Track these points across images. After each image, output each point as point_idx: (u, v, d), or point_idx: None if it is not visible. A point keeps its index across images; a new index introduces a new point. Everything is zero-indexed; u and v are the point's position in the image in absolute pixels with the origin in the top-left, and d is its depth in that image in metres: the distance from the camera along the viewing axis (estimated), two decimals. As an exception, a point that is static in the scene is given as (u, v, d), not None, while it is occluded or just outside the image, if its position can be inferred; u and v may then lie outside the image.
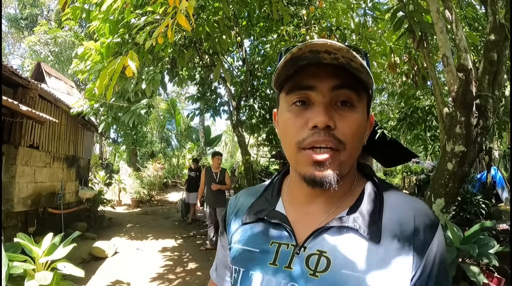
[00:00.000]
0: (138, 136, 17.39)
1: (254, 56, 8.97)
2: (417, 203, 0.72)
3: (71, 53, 14.67)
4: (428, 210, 0.71)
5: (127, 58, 3.18)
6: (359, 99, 0.68)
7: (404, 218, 0.68)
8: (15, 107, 4.25)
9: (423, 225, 0.68)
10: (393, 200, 0.72)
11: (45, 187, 6.51)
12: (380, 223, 0.68)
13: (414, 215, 0.68)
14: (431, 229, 0.68)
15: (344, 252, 0.66)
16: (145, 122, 6.77)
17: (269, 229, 0.76)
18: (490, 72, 3.26)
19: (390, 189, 0.75)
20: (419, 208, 0.71)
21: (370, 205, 0.70)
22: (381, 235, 0.66)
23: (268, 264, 0.71)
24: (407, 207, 0.70)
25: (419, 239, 0.66)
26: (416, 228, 0.67)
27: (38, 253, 2.88)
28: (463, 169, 3.39)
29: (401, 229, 0.67)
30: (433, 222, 0.69)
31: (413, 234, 0.66)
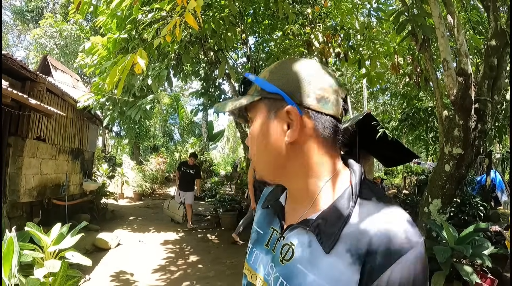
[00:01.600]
0: (141, 130, 17.46)
1: (258, 53, 9.02)
2: (385, 222, 0.64)
3: (77, 47, 14.73)
4: (396, 233, 0.62)
5: (136, 55, 3.26)
6: (254, 114, 0.78)
7: (361, 235, 0.64)
8: (24, 100, 4.34)
9: (379, 249, 0.62)
10: (362, 212, 0.68)
11: (51, 178, 6.62)
12: (338, 234, 0.66)
13: (373, 235, 0.63)
14: (389, 256, 0.61)
15: (303, 250, 0.71)
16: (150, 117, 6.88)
17: (271, 216, 0.87)
18: (490, 77, 3.33)
19: (370, 197, 0.70)
20: (384, 228, 0.63)
21: (337, 213, 0.69)
22: (335, 245, 0.66)
23: (264, 245, 0.83)
24: (369, 224, 0.65)
25: (372, 261, 0.62)
26: (370, 248, 0.62)
27: (47, 242, 2.98)
28: (460, 171, 3.47)
29: (356, 244, 0.64)
30: (395, 249, 0.61)
31: (365, 254, 0.63)
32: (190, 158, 8.50)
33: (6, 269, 2.43)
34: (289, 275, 0.71)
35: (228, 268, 5.27)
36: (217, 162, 22.38)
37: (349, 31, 6.49)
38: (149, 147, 20.34)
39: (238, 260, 5.63)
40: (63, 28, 15.47)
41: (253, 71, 8.39)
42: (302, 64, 0.75)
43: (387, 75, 8.55)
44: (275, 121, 0.73)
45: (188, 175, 8.26)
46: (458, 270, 3.26)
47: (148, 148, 20.39)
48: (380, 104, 19.26)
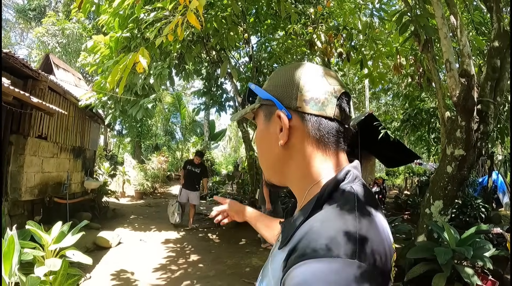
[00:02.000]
0: (143, 128, 17.48)
1: (260, 53, 9.02)
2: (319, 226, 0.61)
3: (79, 45, 14.76)
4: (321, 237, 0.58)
5: (138, 54, 3.26)
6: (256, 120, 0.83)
7: (299, 234, 0.63)
8: (26, 98, 4.35)
9: (299, 247, 0.60)
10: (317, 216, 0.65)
11: (52, 177, 6.63)
12: (292, 235, 0.66)
13: (303, 235, 0.61)
14: (302, 255, 0.57)
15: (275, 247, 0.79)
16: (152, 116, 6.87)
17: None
18: (493, 78, 3.31)
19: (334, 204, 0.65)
20: (313, 231, 0.60)
21: (300, 217, 0.68)
22: (286, 245, 0.66)
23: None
24: (310, 226, 0.62)
25: (290, 259, 0.60)
26: (294, 247, 0.61)
27: (47, 240, 2.99)
28: (462, 173, 3.46)
29: (291, 243, 0.64)
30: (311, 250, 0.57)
31: (291, 251, 0.61)
32: (196, 157, 8.12)
33: (7, 268, 2.43)
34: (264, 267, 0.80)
35: (228, 268, 5.27)
36: (218, 161, 22.42)
37: (351, 31, 6.49)
38: (150, 146, 20.36)
39: (238, 259, 5.63)
40: (66, 27, 15.50)
41: (255, 70, 8.41)
42: (294, 68, 0.76)
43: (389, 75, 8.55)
44: (270, 125, 0.76)
45: (193, 174, 7.96)
46: (459, 271, 3.26)
47: (149, 146, 20.42)
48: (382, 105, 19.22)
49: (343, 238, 0.56)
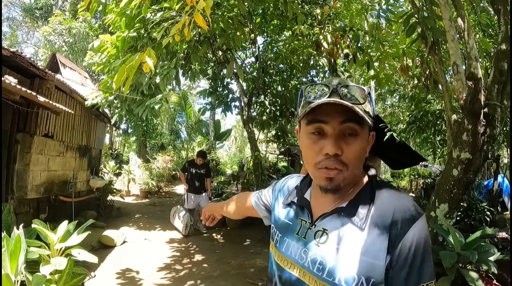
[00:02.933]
0: (148, 128, 17.55)
1: (267, 53, 9.01)
2: (400, 200, 0.91)
3: (85, 44, 14.84)
4: (409, 206, 0.89)
5: (144, 54, 3.28)
6: (361, 129, 0.91)
7: (385, 212, 0.89)
8: (33, 97, 4.38)
9: (400, 218, 0.86)
10: (382, 196, 0.93)
11: (58, 175, 6.67)
12: (368, 215, 0.90)
13: (394, 209, 0.88)
14: (408, 222, 0.86)
15: (338, 232, 0.92)
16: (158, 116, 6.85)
17: (298, 210, 1.07)
18: (500, 81, 3.29)
19: (384, 187, 0.96)
20: (400, 204, 0.89)
21: (364, 200, 0.93)
22: (367, 224, 0.89)
23: (295, 234, 1.03)
24: (390, 203, 0.90)
25: (395, 230, 0.86)
26: (393, 220, 0.86)
27: (53, 239, 3.01)
28: (468, 176, 3.44)
29: (382, 220, 0.88)
30: (411, 216, 0.87)
31: (390, 225, 0.86)
32: (199, 158, 7.54)
33: (13, 266, 2.45)
34: (327, 254, 0.92)
35: (233, 268, 5.28)
36: (223, 161, 22.43)
37: (358, 32, 6.46)
38: (156, 145, 20.41)
39: (243, 260, 5.64)
40: (72, 26, 15.59)
41: (261, 71, 8.40)
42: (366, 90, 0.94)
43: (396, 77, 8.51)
44: (367, 139, 0.95)
45: (199, 175, 7.46)
46: (463, 275, 3.23)
47: (155, 146, 20.47)
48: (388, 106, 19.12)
49: (414, 203, 0.91)
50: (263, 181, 8.39)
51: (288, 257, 1.03)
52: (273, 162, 17.95)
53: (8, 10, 23.01)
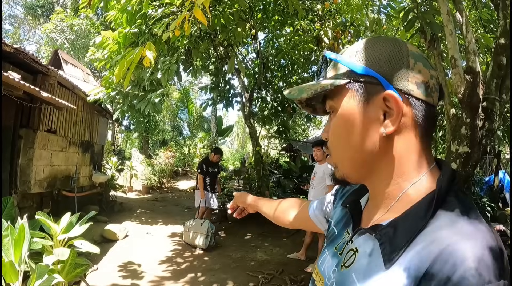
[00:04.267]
0: (150, 124, 17.61)
1: (268, 49, 9.03)
2: (457, 244, 0.50)
3: (87, 41, 14.87)
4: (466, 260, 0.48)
5: (145, 49, 3.31)
6: (337, 101, 0.67)
7: (427, 254, 0.52)
8: (36, 93, 4.43)
9: (439, 274, 0.49)
10: (437, 226, 0.55)
11: (61, 170, 6.74)
12: (404, 248, 0.56)
13: (438, 255, 0.51)
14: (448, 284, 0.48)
15: (363, 259, 0.63)
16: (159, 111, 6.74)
17: (348, 217, 0.78)
18: (499, 75, 3.31)
19: (453, 209, 0.57)
20: (453, 252, 0.50)
21: (410, 223, 0.58)
22: (395, 261, 0.56)
23: (334, 247, 0.76)
24: (440, 242, 0.52)
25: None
26: (428, 273, 0.51)
27: (56, 230, 3.06)
28: (467, 170, 3.46)
29: (418, 265, 0.53)
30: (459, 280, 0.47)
31: (421, 277, 0.52)
32: (216, 155, 6.93)
33: (17, 255, 2.51)
34: (342, 282, 0.66)
35: (233, 261, 5.33)
36: (225, 157, 22.48)
37: (359, 28, 6.48)
38: (158, 141, 20.50)
39: (243, 253, 5.69)
40: (74, 23, 15.61)
41: (262, 66, 8.43)
42: (396, 43, 0.65)
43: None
44: (368, 108, 0.63)
45: (214, 174, 6.98)
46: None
47: (157, 142, 20.56)
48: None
49: (487, 256, 0.49)
50: (264, 176, 8.43)
51: (321, 273, 0.77)
52: (275, 157, 18.01)
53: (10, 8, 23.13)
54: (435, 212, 0.57)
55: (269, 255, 5.60)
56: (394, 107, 0.60)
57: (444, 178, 0.60)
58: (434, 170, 0.64)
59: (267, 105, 9.90)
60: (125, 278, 4.54)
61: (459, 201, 0.58)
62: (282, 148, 18.14)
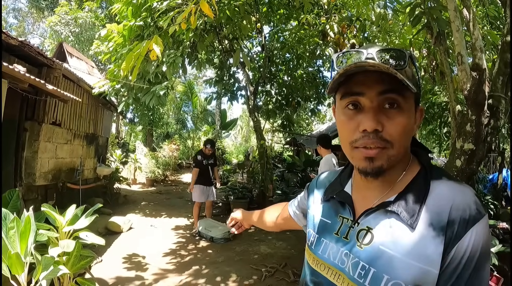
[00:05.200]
0: (154, 117, 17.66)
1: (273, 42, 9.01)
2: (460, 195, 0.74)
3: (92, 34, 14.87)
4: (470, 203, 0.72)
5: (152, 42, 3.31)
6: (405, 101, 0.76)
7: (441, 209, 0.72)
8: (42, 85, 4.44)
9: (458, 218, 0.70)
10: (438, 190, 0.76)
11: (65, 163, 6.78)
12: (419, 211, 0.74)
13: (451, 207, 0.72)
14: (466, 223, 0.70)
15: (385, 231, 0.77)
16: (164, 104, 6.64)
17: (338, 206, 0.92)
18: (505, 73, 3.28)
19: (441, 176, 0.79)
20: (460, 199, 0.73)
21: (416, 193, 0.77)
22: (418, 222, 0.73)
23: (334, 233, 0.88)
24: (448, 197, 0.74)
25: (451, 231, 0.70)
26: (450, 220, 0.71)
27: (61, 222, 3.09)
28: (471, 167, 3.45)
29: (437, 219, 0.72)
30: (471, 217, 0.71)
31: (446, 226, 0.70)
32: (207, 148, 6.77)
33: (23, 246, 2.54)
34: (371, 258, 0.76)
35: (237, 254, 5.36)
36: (229, 150, 22.53)
37: (364, 22, 6.44)
38: (162, 134, 20.58)
39: (247, 246, 5.72)
40: (78, 16, 15.59)
41: (267, 60, 8.41)
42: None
43: (402, 67, 8.46)
44: (411, 114, 0.79)
45: (212, 166, 6.92)
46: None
47: (161, 135, 20.63)
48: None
49: (477, 200, 0.74)
50: (268, 170, 8.45)
51: (325, 260, 0.87)
52: (279, 151, 18.01)
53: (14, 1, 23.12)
54: (430, 181, 0.78)
55: (273, 249, 5.63)
56: (420, 117, 0.85)
57: (426, 159, 0.85)
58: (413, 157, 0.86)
59: (271, 99, 9.90)
60: (129, 270, 4.58)
61: (441, 173, 0.81)
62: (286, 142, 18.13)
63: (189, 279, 4.42)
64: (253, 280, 4.42)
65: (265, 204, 8.12)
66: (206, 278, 4.47)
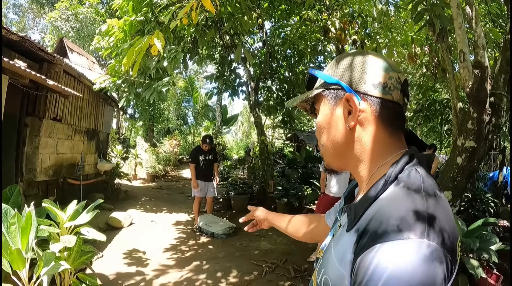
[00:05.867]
0: (155, 112, 17.65)
1: (274, 38, 8.97)
2: (389, 206, 0.64)
3: (92, 29, 14.82)
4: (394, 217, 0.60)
5: (153, 37, 3.31)
6: (319, 105, 0.84)
7: (368, 216, 0.65)
8: (42, 81, 4.43)
9: (371, 229, 0.62)
10: (385, 196, 0.67)
11: (66, 158, 6.78)
12: (361, 215, 0.68)
13: (373, 216, 0.64)
14: (374, 236, 0.60)
15: (340, 230, 0.78)
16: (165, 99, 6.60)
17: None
18: (507, 71, 3.27)
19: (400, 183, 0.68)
20: (384, 210, 0.63)
21: (368, 197, 0.70)
22: (354, 226, 0.68)
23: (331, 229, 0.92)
24: (377, 206, 0.66)
25: (362, 240, 0.63)
26: (366, 228, 0.63)
27: (63, 218, 3.09)
28: (472, 165, 3.45)
29: (360, 225, 0.66)
30: (384, 231, 0.59)
31: (361, 234, 0.64)
32: (204, 144, 6.75)
33: (24, 242, 2.54)
34: (326, 251, 0.81)
35: (237, 250, 5.38)
36: (230, 146, 22.53)
37: (366, 19, 6.41)
38: (162, 130, 20.57)
39: (247, 242, 5.73)
40: (79, 11, 15.54)
41: (268, 56, 8.38)
42: (360, 55, 0.80)
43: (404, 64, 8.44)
44: (337, 109, 0.79)
45: (209, 162, 6.83)
46: (464, 263, 3.28)
47: (162, 130, 20.62)
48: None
49: (412, 218, 0.59)
50: (269, 165, 8.45)
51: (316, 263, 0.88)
52: (280, 147, 18.00)
53: (14, -3, 23.03)
54: (387, 188, 0.69)
55: (273, 244, 5.64)
56: (353, 105, 0.75)
57: (400, 160, 0.72)
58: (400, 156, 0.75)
59: (272, 95, 9.88)
60: (130, 266, 4.60)
61: (409, 177, 0.69)
62: (286, 138, 18.11)
63: (190, 274, 4.44)
64: (254, 276, 4.44)
65: (265, 200, 8.14)
66: (206, 273, 4.48)
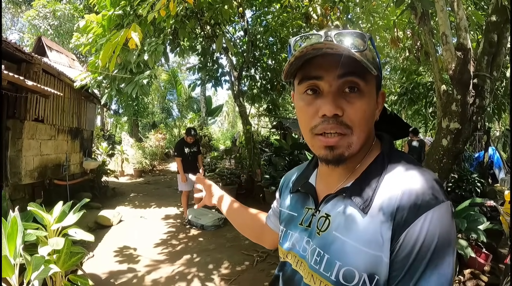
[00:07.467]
0: (139, 107, 17.45)
1: (256, 26, 8.90)
2: (413, 178, 0.70)
3: (71, 26, 14.47)
4: (424, 188, 0.67)
5: (130, 30, 3.22)
6: (365, 84, 0.73)
7: (392, 193, 0.69)
8: (21, 82, 4.31)
9: (408, 203, 0.66)
10: (393, 172, 0.74)
11: (51, 159, 6.66)
12: (373, 196, 0.71)
13: (402, 192, 0.68)
14: (418, 209, 0.65)
15: (340, 217, 0.76)
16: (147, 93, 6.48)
17: (303, 197, 0.92)
18: (490, 53, 3.30)
19: (398, 160, 0.76)
20: (412, 185, 0.68)
21: (372, 178, 0.74)
22: (371, 207, 0.70)
23: (298, 224, 0.88)
24: (399, 183, 0.70)
25: (400, 217, 0.66)
26: (400, 205, 0.67)
27: (49, 220, 3.03)
28: (457, 146, 3.49)
29: (388, 203, 0.68)
30: (423, 202, 0.66)
31: (395, 211, 0.67)
32: (188, 137, 6.75)
33: (11, 248, 2.48)
34: (325, 243, 0.76)
35: (228, 241, 5.39)
36: (216, 137, 22.45)
37: (348, 4, 6.38)
38: (148, 124, 20.38)
39: (237, 233, 5.67)
40: (57, 8, 15.13)
41: (250, 44, 8.31)
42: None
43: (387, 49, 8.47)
44: (373, 96, 0.78)
45: (194, 154, 6.84)
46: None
47: (147, 125, 20.44)
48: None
49: (436, 185, 0.69)
50: (255, 154, 8.43)
51: (290, 250, 0.88)
52: (266, 136, 18.00)
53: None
54: (387, 166, 0.76)
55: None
56: (382, 102, 0.82)
57: (386, 143, 0.82)
58: (376, 141, 0.84)
59: (256, 84, 9.83)
60: (121, 263, 4.57)
61: (400, 156, 0.78)
62: (272, 126, 18.11)
63: (181, 268, 4.44)
64: (245, 266, 4.46)
65: (253, 189, 8.15)
66: (198, 266, 4.49)
